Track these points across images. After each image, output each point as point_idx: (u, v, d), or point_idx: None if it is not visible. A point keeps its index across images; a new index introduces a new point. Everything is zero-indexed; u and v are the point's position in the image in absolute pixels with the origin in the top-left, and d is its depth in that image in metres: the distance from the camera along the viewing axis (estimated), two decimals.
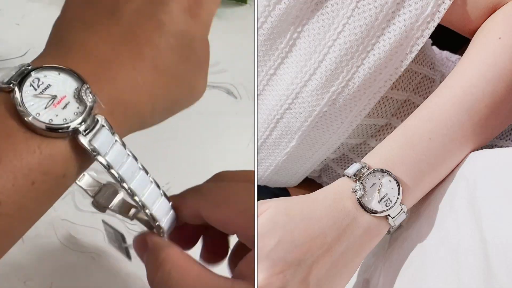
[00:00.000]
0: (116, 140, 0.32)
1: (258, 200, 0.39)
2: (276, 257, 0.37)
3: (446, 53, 0.64)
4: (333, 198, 0.40)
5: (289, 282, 0.37)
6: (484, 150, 0.43)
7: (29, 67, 0.30)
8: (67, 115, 0.30)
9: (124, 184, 0.33)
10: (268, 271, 0.37)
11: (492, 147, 0.54)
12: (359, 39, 0.46)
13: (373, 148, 0.44)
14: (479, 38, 0.47)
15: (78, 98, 0.30)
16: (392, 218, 0.40)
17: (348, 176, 0.41)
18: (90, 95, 0.30)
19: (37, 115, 0.29)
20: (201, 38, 0.34)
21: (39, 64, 0.30)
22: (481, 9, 0.47)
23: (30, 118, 0.28)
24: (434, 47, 0.64)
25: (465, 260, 0.37)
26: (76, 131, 0.30)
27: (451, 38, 0.58)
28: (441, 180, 0.43)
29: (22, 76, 0.29)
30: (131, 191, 0.33)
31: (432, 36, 0.48)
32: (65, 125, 0.29)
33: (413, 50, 0.47)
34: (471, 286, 0.36)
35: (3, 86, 0.29)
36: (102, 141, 0.30)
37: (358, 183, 0.40)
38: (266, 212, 0.38)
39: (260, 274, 0.37)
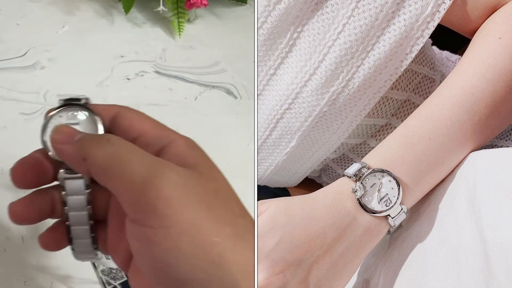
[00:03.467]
0: None
1: (258, 200, 0.39)
2: (276, 257, 0.37)
3: (446, 53, 0.64)
4: (333, 198, 0.40)
5: (289, 282, 0.37)
6: (484, 150, 0.43)
7: None
8: None
9: None
10: (268, 271, 0.37)
11: (492, 147, 0.54)
12: (359, 39, 0.46)
13: (373, 148, 0.44)
14: (479, 38, 0.47)
15: None
16: (392, 218, 0.40)
17: (348, 176, 0.41)
18: None
19: None
20: None
21: None
22: (481, 9, 0.47)
23: None
24: (434, 47, 0.64)
25: (465, 260, 0.37)
26: None
27: (451, 38, 0.58)
28: (441, 180, 0.43)
29: None
30: None
31: (432, 36, 0.48)
32: None
33: (413, 50, 0.47)
34: (471, 286, 0.36)
35: None
36: None
37: (358, 183, 0.40)
38: (266, 212, 0.38)
39: (260, 274, 0.37)
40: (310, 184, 0.64)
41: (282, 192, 0.64)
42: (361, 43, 0.46)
